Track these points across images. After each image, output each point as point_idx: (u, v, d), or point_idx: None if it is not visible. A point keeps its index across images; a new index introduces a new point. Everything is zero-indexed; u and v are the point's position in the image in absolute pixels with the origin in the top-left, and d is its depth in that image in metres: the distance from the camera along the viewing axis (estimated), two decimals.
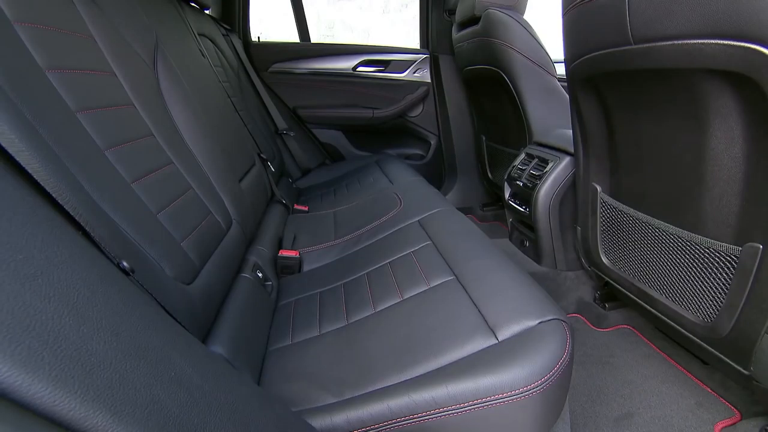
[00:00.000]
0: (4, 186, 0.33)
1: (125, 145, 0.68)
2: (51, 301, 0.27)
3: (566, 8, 0.93)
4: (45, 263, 0.29)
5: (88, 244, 0.40)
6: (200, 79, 1.22)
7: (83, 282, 0.31)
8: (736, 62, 0.60)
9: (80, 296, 0.30)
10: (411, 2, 2.28)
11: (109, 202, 0.56)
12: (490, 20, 1.53)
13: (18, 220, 0.31)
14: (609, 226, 1.11)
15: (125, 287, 0.38)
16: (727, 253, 0.78)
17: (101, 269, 0.36)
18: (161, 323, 0.38)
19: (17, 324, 0.24)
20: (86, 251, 0.37)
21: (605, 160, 1.08)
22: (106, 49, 0.75)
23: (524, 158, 1.52)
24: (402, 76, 2.19)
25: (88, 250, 0.38)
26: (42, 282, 0.28)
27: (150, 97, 0.83)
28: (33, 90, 0.53)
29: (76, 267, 0.32)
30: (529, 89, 1.52)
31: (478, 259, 0.85)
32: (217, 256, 0.82)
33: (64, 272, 0.30)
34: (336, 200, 1.58)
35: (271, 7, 2.34)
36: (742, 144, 0.70)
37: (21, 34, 0.55)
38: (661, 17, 0.68)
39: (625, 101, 0.91)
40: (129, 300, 0.36)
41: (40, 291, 0.27)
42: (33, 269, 0.28)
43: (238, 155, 1.25)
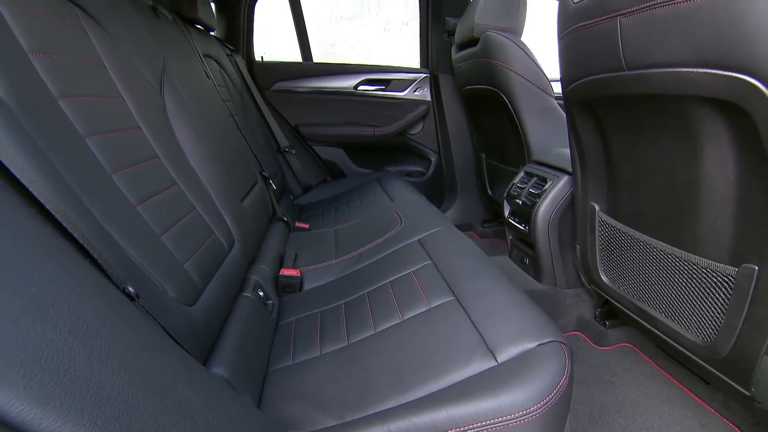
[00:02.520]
0: (20, 218, 0.34)
1: (131, 168, 0.70)
2: (62, 333, 0.28)
3: (562, 33, 0.96)
4: (57, 294, 0.30)
5: (96, 271, 0.41)
6: (204, 100, 1.24)
7: (92, 311, 0.32)
8: (724, 90, 0.62)
9: (89, 327, 0.30)
10: (411, 21, 2.34)
11: (115, 226, 0.57)
12: (489, 42, 1.57)
13: (32, 250, 0.33)
14: (608, 244, 1.12)
15: (131, 314, 0.39)
16: (724, 273, 0.78)
17: (108, 297, 0.37)
18: (165, 350, 0.39)
19: (30, 358, 0.24)
20: (94, 279, 0.38)
21: (603, 180, 1.09)
22: (115, 75, 0.77)
23: (523, 176, 1.54)
24: (402, 94, 2.22)
25: (96, 278, 0.39)
26: (54, 314, 0.29)
27: (156, 119, 0.85)
28: (46, 118, 0.54)
29: (86, 296, 0.33)
30: (527, 109, 1.55)
31: (478, 280, 0.86)
32: (219, 276, 0.83)
33: (75, 303, 0.31)
34: (337, 218, 1.59)
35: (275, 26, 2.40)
36: (734, 168, 0.71)
37: (36, 64, 0.57)
38: (652, 46, 0.70)
39: (620, 124, 0.93)
40: (135, 327, 0.37)
41: (52, 323, 0.28)
42: (46, 301, 0.29)
43: (240, 174, 1.27)
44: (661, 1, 0.65)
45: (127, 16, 0.91)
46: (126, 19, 0.89)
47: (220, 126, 1.29)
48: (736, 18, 0.56)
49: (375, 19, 6.32)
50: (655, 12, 0.67)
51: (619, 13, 0.75)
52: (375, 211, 1.49)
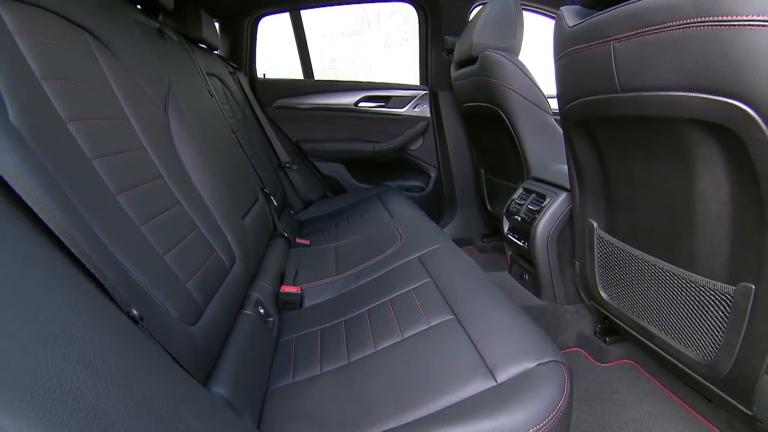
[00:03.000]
0: (30, 245, 0.35)
1: (136, 188, 0.71)
2: (70, 361, 0.29)
3: (558, 55, 0.98)
4: (65, 321, 0.31)
5: (101, 294, 0.42)
6: (208, 118, 1.26)
7: (99, 337, 0.33)
8: (716, 114, 0.63)
9: (96, 353, 0.31)
10: (411, 37, 2.38)
11: (119, 247, 0.58)
12: (487, 61, 1.60)
13: (41, 277, 0.33)
14: (606, 261, 1.13)
15: (135, 337, 0.40)
16: (722, 292, 0.79)
17: (114, 321, 0.38)
18: (168, 373, 0.40)
19: (40, 387, 0.25)
20: (100, 303, 0.39)
21: (600, 198, 1.10)
22: (121, 97, 0.79)
23: (522, 193, 1.55)
24: (402, 111, 2.25)
25: (102, 302, 0.40)
26: (62, 341, 0.29)
27: (160, 139, 0.87)
28: (55, 142, 0.56)
29: (92, 322, 0.34)
30: (525, 126, 1.57)
31: (477, 298, 0.86)
32: (220, 294, 0.83)
33: (82, 329, 0.32)
34: (337, 234, 1.60)
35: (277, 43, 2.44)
36: (728, 188, 0.72)
37: (47, 90, 0.59)
38: (644, 70, 0.72)
39: (616, 143, 0.95)
40: (139, 351, 0.38)
41: (60, 351, 0.29)
42: (54, 328, 0.30)
43: (242, 191, 1.29)
44: (652, 28, 0.67)
45: (135, 39, 0.94)
46: (133, 42, 0.92)
47: (223, 143, 1.31)
48: (724, 46, 0.58)
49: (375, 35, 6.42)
50: (646, 38, 0.69)
51: (612, 38, 0.77)
52: (375, 228, 1.50)
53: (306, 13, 2.24)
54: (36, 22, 0.61)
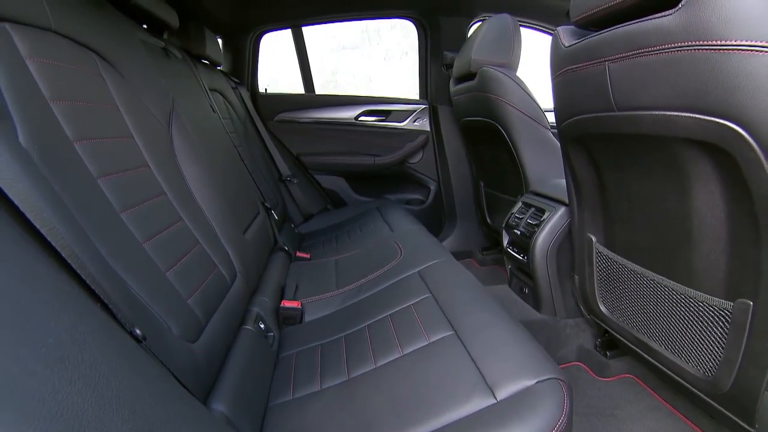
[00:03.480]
0: (38, 267, 0.36)
1: (140, 206, 0.72)
2: (76, 384, 0.29)
3: (555, 73, 1.00)
4: (71, 344, 0.32)
5: (105, 315, 0.43)
6: (210, 134, 1.28)
7: (103, 359, 0.34)
8: (709, 134, 0.65)
9: (101, 375, 0.32)
10: (411, 50, 2.42)
11: (123, 265, 0.59)
12: (486, 77, 1.62)
13: (49, 300, 0.34)
14: (605, 275, 1.13)
15: (138, 358, 0.41)
16: (720, 308, 0.79)
17: (118, 342, 0.39)
18: (170, 393, 0.40)
19: (47, 414, 0.26)
20: (104, 324, 0.40)
21: (599, 213, 1.11)
22: (127, 116, 0.80)
23: (521, 207, 1.56)
24: (402, 125, 2.28)
25: (106, 322, 0.41)
26: (69, 365, 0.30)
27: (163, 156, 0.88)
28: (62, 162, 0.57)
29: (97, 344, 0.35)
30: (524, 141, 1.59)
31: (477, 313, 0.87)
32: (221, 310, 0.84)
33: (88, 352, 0.32)
34: (338, 247, 1.61)
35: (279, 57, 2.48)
36: (723, 206, 0.73)
37: (56, 111, 0.60)
38: (639, 90, 0.74)
39: (613, 159, 0.96)
40: (142, 372, 0.38)
41: (66, 374, 0.29)
42: (61, 352, 0.30)
43: (243, 206, 1.30)
44: (645, 50, 0.69)
45: (140, 58, 0.96)
46: (139, 61, 0.94)
47: (224, 159, 1.33)
48: (714, 69, 0.59)
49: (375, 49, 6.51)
50: (639, 60, 0.71)
51: (607, 59, 0.79)
52: (375, 242, 1.51)
53: (307, 27, 2.28)
54: (46, 46, 0.63)
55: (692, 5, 0.60)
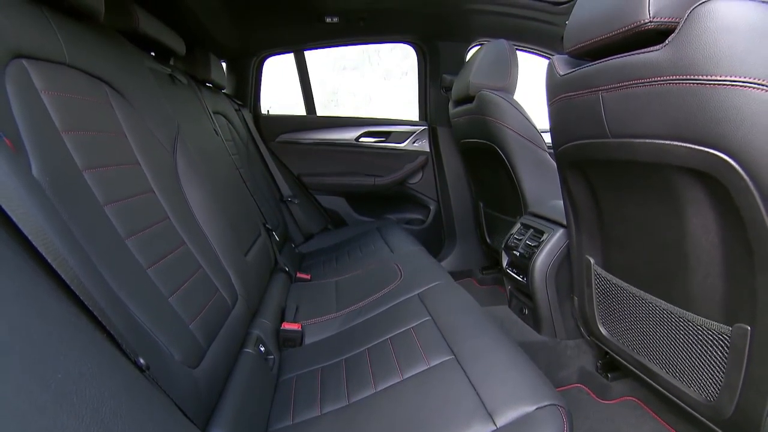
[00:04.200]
0: (48, 301, 0.37)
1: (144, 231, 0.73)
2: (84, 420, 0.30)
3: (551, 100, 1.02)
4: (78, 378, 0.33)
5: (111, 345, 0.44)
6: (213, 157, 1.31)
7: (109, 393, 0.34)
8: (700, 163, 0.66)
9: (107, 409, 0.33)
10: (411, 70, 2.47)
11: (127, 292, 0.60)
12: (484, 101, 1.66)
13: (57, 333, 0.35)
14: (604, 297, 1.14)
15: (142, 388, 0.41)
16: (719, 332, 0.79)
17: (122, 374, 0.40)
18: (173, 423, 0.41)
19: None
20: (110, 356, 0.41)
21: (596, 235, 1.13)
22: (134, 142, 0.83)
23: (520, 228, 1.58)
24: (402, 146, 2.32)
25: (111, 354, 0.42)
26: (77, 400, 0.31)
27: (168, 181, 0.90)
28: (71, 191, 0.59)
29: (104, 377, 0.36)
30: (522, 162, 1.61)
31: (476, 338, 0.87)
32: (222, 334, 0.84)
33: (95, 387, 0.33)
34: (338, 268, 1.62)
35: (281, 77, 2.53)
36: (717, 231, 0.74)
37: (66, 141, 0.62)
38: (631, 119, 0.76)
39: (609, 184, 0.98)
40: (146, 403, 0.39)
41: (74, 410, 0.30)
42: (69, 386, 0.31)
43: (244, 228, 1.31)
44: (637, 82, 0.72)
45: (148, 86, 0.99)
46: (147, 89, 0.97)
47: (227, 181, 1.35)
48: (702, 102, 0.61)
49: (376, 69, 6.64)
50: (631, 90, 0.74)
51: (601, 88, 0.81)
52: (375, 263, 1.52)
53: (309, 51, 2.33)
54: (60, 79, 0.65)
55: (678, 42, 0.62)
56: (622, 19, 0.71)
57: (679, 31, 0.63)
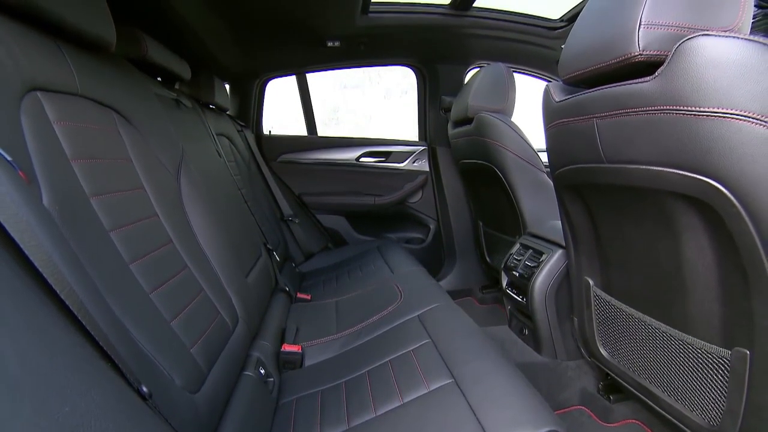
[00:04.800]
0: (56, 332, 0.38)
1: (148, 256, 0.74)
2: None
3: (548, 125, 1.05)
4: (85, 410, 0.34)
5: (115, 374, 0.44)
6: (216, 179, 1.33)
7: (114, 425, 0.35)
8: (693, 190, 0.68)
9: None
10: (410, 89, 2.51)
11: (131, 318, 0.61)
12: (482, 123, 1.69)
13: (63, 364, 0.36)
14: (604, 318, 1.14)
15: (145, 417, 0.42)
16: (718, 356, 0.79)
17: (126, 403, 0.40)
18: None
19: None
20: (114, 386, 0.41)
21: (594, 256, 1.13)
22: (139, 168, 0.84)
23: (520, 248, 1.59)
24: (402, 165, 2.34)
25: (115, 383, 0.42)
26: None
27: (172, 205, 0.92)
28: (78, 218, 0.60)
29: (108, 408, 0.36)
30: (520, 183, 1.64)
31: (476, 361, 0.87)
32: (222, 357, 0.85)
33: (101, 419, 0.34)
34: (338, 288, 1.62)
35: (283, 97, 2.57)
36: (712, 255, 0.75)
37: (76, 169, 0.64)
38: (625, 146, 0.78)
39: (605, 207, 0.99)
40: None
41: None
42: (76, 420, 0.32)
43: (245, 249, 1.32)
44: (629, 110, 0.74)
45: (154, 111, 1.01)
46: (153, 114, 0.99)
47: (229, 202, 1.37)
48: (691, 131, 0.63)
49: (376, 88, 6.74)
50: (625, 118, 0.76)
51: (595, 115, 0.83)
52: (375, 283, 1.52)
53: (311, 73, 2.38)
54: (71, 109, 0.68)
55: (666, 75, 0.65)
56: (614, 51, 0.74)
57: (667, 64, 0.65)
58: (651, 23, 0.68)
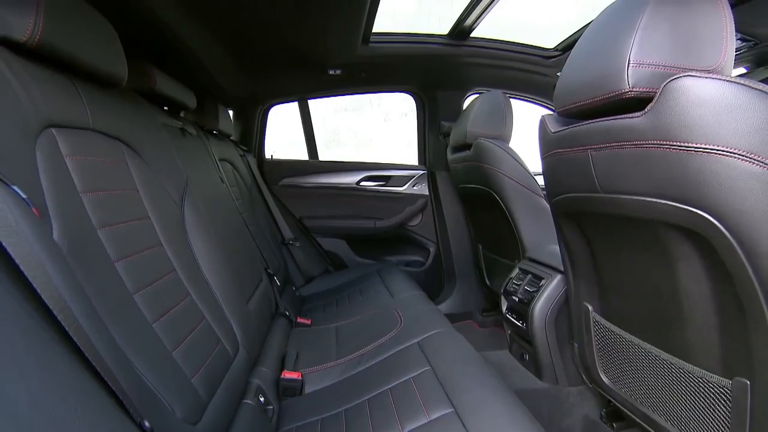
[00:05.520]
0: (65, 370, 0.39)
1: (151, 285, 0.76)
2: None
3: (544, 154, 1.07)
4: None
5: (118, 410, 0.45)
6: (218, 205, 1.35)
7: None
8: (686, 221, 0.70)
9: None
10: (410, 112, 2.56)
11: (133, 349, 0.62)
12: (481, 149, 1.72)
13: (72, 402, 0.37)
14: (604, 345, 1.14)
15: None
16: (720, 385, 0.79)
17: None
18: None
19: None
20: (117, 421, 0.42)
21: (593, 282, 1.14)
22: (145, 198, 0.86)
23: (519, 273, 1.59)
24: (402, 189, 2.37)
25: (119, 419, 0.43)
26: None
27: (175, 233, 0.93)
28: (86, 250, 0.62)
29: None
30: (519, 208, 1.66)
31: (476, 390, 0.87)
32: (223, 386, 0.85)
33: None
34: (338, 313, 1.62)
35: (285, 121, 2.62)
36: (708, 284, 0.76)
37: (85, 202, 0.66)
38: (619, 177, 0.80)
39: (602, 235, 1.01)
40: None
41: None
42: None
43: (247, 275, 1.33)
44: (622, 144, 0.76)
45: (161, 141, 1.04)
46: (160, 144, 1.02)
47: (231, 228, 1.38)
48: (682, 166, 0.65)
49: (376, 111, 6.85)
50: (618, 151, 0.78)
51: (590, 147, 0.86)
52: (375, 308, 1.52)
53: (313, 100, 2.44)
54: (83, 143, 0.70)
55: (656, 111, 0.68)
56: (605, 87, 0.77)
57: (656, 101, 0.68)
58: (639, 62, 0.71)
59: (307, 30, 1.50)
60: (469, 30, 1.81)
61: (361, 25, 1.51)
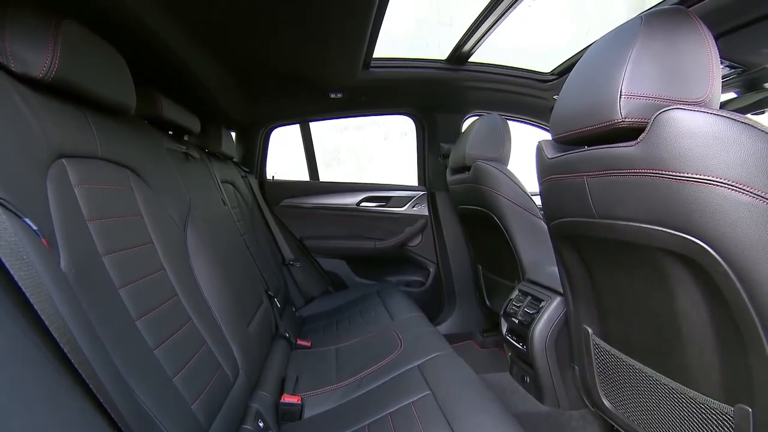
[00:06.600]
0: (69, 400, 0.40)
1: (153, 312, 0.76)
2: None
3: (542, 179, 1.09)
4: None
5: None
6: (220, 228, 1.36)
7: None
8: (680, 247, 0.71)
9: None
10: (410, 131, 2.59)
11: (134, 376, 0.62)
12: (479, 171, 1.75)
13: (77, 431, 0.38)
14: (605, 368, 1.13)
15: None
16: (722, 412, 0.78)
17: None
18: None
19: None
20: None
21: (592, 305, 1.14)
22: (149, 223, 0.88)
23: (519, 295, 1.60)
24: (402, 210, 2.39)
25: None
26: None
27: (178, 257, 0.94)
28: (91, 277, 0.63)
29: None
30: (518, 230, 1.67)
31: (476, 415, 0.87)
32: (223, 412, 0.84)
33: None
34: (338, 334, 1.62)
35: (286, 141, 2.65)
36: (706, 309, 0.77)
37: (91, 230, 0.67)
38: (614, 203, 0.82)
39: (600, 259, 1.02)
40: None
41: None
42: None
43: (247, 297, 1.34)
44: (617, 171, 0.78)
45: (165, 167, 1.06)
46: (164, 170, 1.04)
47: (232, 251, 1.39)
48: (674, 194, 0.67)
49: (377, 130, 6.94)
50: (613, 178, 0.80)
51: (585, 174, 0.88)
52: (375, 330, 1.52)
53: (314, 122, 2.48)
54: (91, 172, 0.72)
55: (648, 141, 0.70)
56: (598, 116, 0.79)
57: (648, 131, 0.70)
58: (630, 94, 0.73)
59: (310, 56, 1.54)
60: (468, 55, 1.86)
61: (362, 51, 1.55)
